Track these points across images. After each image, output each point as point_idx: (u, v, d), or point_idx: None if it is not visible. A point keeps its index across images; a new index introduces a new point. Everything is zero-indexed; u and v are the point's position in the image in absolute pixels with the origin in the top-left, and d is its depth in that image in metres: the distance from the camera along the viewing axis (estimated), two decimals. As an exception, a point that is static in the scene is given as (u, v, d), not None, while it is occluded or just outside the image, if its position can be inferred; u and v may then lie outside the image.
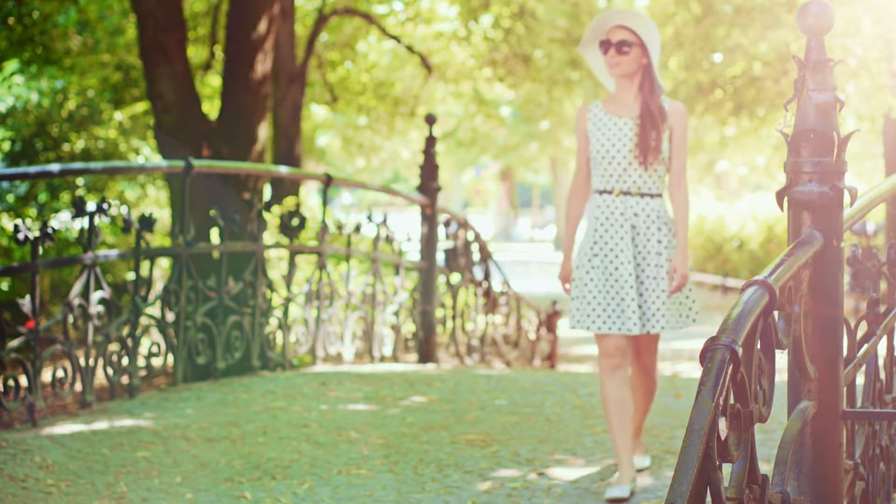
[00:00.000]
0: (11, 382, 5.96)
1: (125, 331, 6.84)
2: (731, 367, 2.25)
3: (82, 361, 6.50)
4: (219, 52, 16.27)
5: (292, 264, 8.31)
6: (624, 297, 4.76)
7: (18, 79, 16.63)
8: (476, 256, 10.30)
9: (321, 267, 8.43)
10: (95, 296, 6.56)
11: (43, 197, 13.96)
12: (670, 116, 4.79)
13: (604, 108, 4.88)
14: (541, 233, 52.72)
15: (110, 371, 6.71)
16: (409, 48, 18.42)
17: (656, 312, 4.78)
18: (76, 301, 6.45)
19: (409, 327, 9.69)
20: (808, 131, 3.03)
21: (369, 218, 9.07)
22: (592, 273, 4.82)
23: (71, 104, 14.76)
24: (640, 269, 4.79)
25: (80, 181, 13.91)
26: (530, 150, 37.74)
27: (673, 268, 4.78)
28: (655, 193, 4.83)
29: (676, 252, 4.81)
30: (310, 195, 24.63)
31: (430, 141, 9.63)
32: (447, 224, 9.94)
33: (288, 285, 8.24)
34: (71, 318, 6.42)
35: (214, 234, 8.81)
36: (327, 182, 8.66)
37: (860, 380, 3.58)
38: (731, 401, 2.34)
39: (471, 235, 10.24)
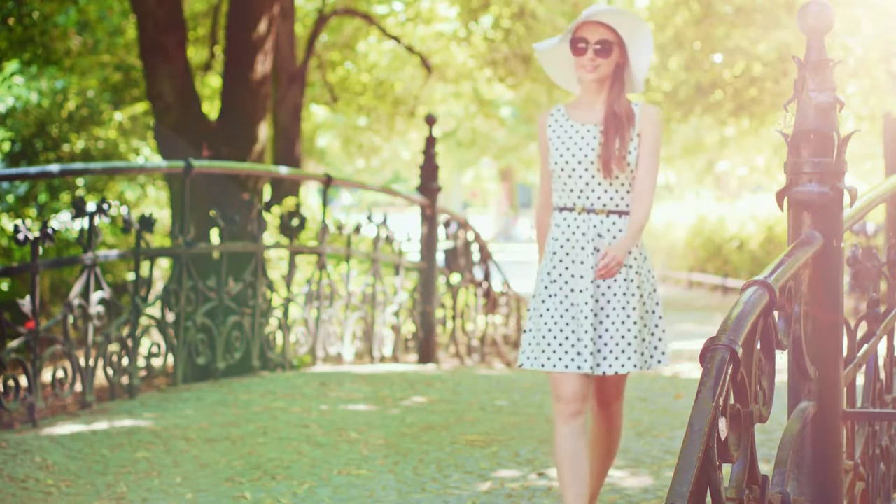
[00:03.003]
0: (11, 383, 5.97)
1: (125, 331, 6.84)
2: (731, 367, 2.25)
3: (82, 362, 6.50)
4: (219, 52, 16.27)
5: (292, 265, 8.31)
6: (575, 329, 4.09)
7: (18, 79, 16.63)
8: (476, 257, 10.30)
9: (321, 267, 8.43)
10: (95, 296, 6.56)
11: (43, 197, 13.96)
12: (641, 120, 4.13)
13: (567, 113, 4.21)
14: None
15: (110, 371, 6.71)
16: (409, 48, 18.43)
17: (615, 350, 4.07)
18: (76, 301, 6.45)
19: (409, 328, 9.69)
20: (808, 132, 3.03)
21: (369, 218, 9.07)
22: (549, 302, 4.13)
23: (71, 104, 14.76)
24: (604, 298, 4.09)
25: (80, 181, 13.91)
26: (530, 151, 37.74)
27: (604, 252, 4.08)
28: (623, 211, 4.14)
29: (620, 240, 4.12)
30: (310, 195, 24.63)
31: (430, 141, 9.64)
32: (447, 224, 9.94)
33: (288, 286, 8.25)
34: (71, 319, 6.42)
35: (214, 235, 8.81)
36: (327, 182, 8.66)
37: (860, 380, 3.59)
38: (731, 401, 2.34)
39: (471, 236, 10.24)
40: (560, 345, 4.08)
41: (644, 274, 4.13)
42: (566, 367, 4.07)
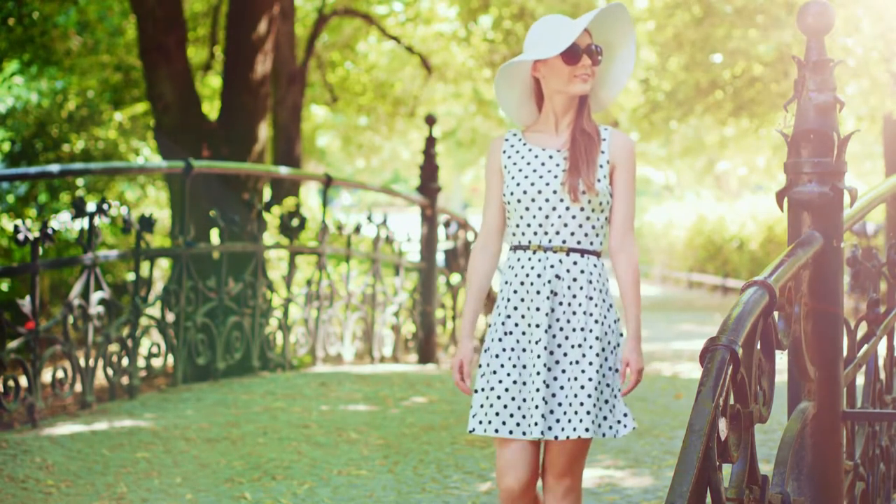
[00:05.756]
0: (11, 383, 5.97)
1: (125, 331, 6.85)
2: (731, 367, 2.25)
3: (82, 362, 6.50)
4: (219, 52, 16.27)
5: (292, 265, 8.32)
6: (531, 386, 3.42)
7: (18, 79, 16.64)
8: (476, 257, 10.29)
9: (321, 267, 8.44)
10: (95, 296, 6.57)
11: (43, 197, 13.97)
12: (613, 149, 3.51)
13: (524, 138, 3.58)
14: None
15: (110, 372, 6.72)
16: (409, 49, 18.43)
17: (569, 411, 3.39)
18: (76, 301, 6.45)
19: (409, 328, 9.69)
20: (808, 132, 3.03)
21: (369, 218, 9.08)
22: (503, 357, 3.47)
23: (71, 105, 14.76)
24: (560, 351, 3.43)
25: (79, 182, 13.91)
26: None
27: (625, 361, 3.44)
28: (587, 250, 3.47)
29: (627, 338, 3.48)
30: (310, 195, 24.63)
31: (430, 141, 9.64)
32: (447, 224, 9.95)
33: (288, 286, 8.25)
34: (71, 319, 6.43)
35: (214, 235, 8.82)
36: (327, 182, 8.67)
37: (860, 380, 3.59)
38: (731, 401, 2.34)
39: (471, 236, 10.24)
40: (505, 406, 3.44)
41: (606, 325, 3.46)
42: (510, 432, 3.43)
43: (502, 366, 3.46)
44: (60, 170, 6.82)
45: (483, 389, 3.48)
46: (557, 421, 3.39)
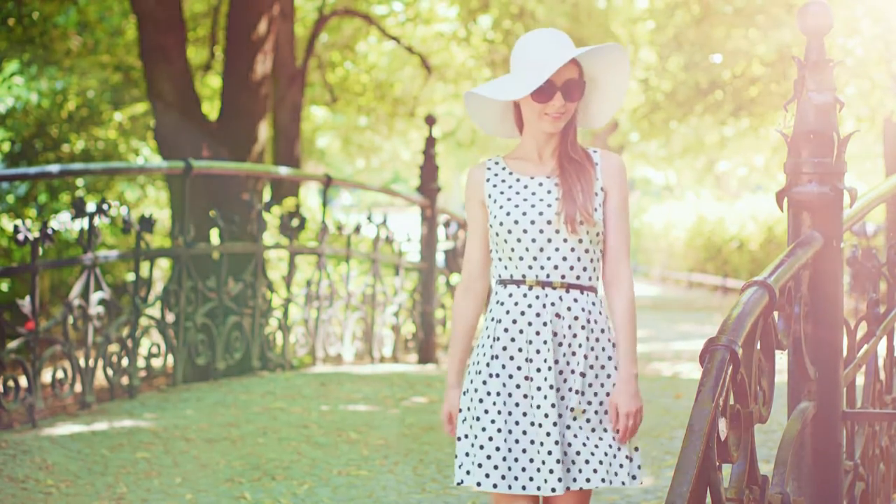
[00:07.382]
0: (11, 383, 5.97)
1: (125, 331, 6.85)
2: (730, 367, 2.25)
3: (82, 362, 6.50)
4: (219, 52, 16.27)
5: (292, 265, 8.32)
6: (537, 437, 3.13)
7: (18, 79, 16.63)
8: (476, 257, 10.29)
9: (321, 268, 8.44)
10: (95, 296, 6.57)
11: (43, 198, 13.95)
12: (604, 172, 3.22)
13: (508, 166, 3.27)
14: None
15: (110, 372, 6.72)
16: (409, 49, 18.43)
17: (580, 460, 3.13)
18: (76, 302, 6.45)
19: (408, 328, 9.70)
20: (808, 132, 3.03)
21: (369, 219, 9.08)
22: (488, 402, 3.17)
23: (71, 105, 14.75)
24: (564, 402, 3.14)
25: (79, 182, 13.90)
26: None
27: (613, 404, 3.13)
28: (587, 286, 3.19)
29: (619, 379, 3.16)
30: (309, 196, 24.63)
31: (430, 142, 9.65)
32: (447, 225, 9.95)
33: (288, 286, 8.25)
34: (71, 319, 6.43)
35: (214, 235, 8.82)
36: (327, 183, 8.67)
37: (860, 380, 3.59)
38: (731, 401, 2.34)
39: (471, 236, 10.24)
40: (503, 459, 3.13)
41: (612, 367, 3.20)
42: (509, 486, 3.12)
43: (486, 412, 3.17)
44: (60, 170, 6.82)
45: (467, 437, 3.21)
46: (568, 471, 3.13)
